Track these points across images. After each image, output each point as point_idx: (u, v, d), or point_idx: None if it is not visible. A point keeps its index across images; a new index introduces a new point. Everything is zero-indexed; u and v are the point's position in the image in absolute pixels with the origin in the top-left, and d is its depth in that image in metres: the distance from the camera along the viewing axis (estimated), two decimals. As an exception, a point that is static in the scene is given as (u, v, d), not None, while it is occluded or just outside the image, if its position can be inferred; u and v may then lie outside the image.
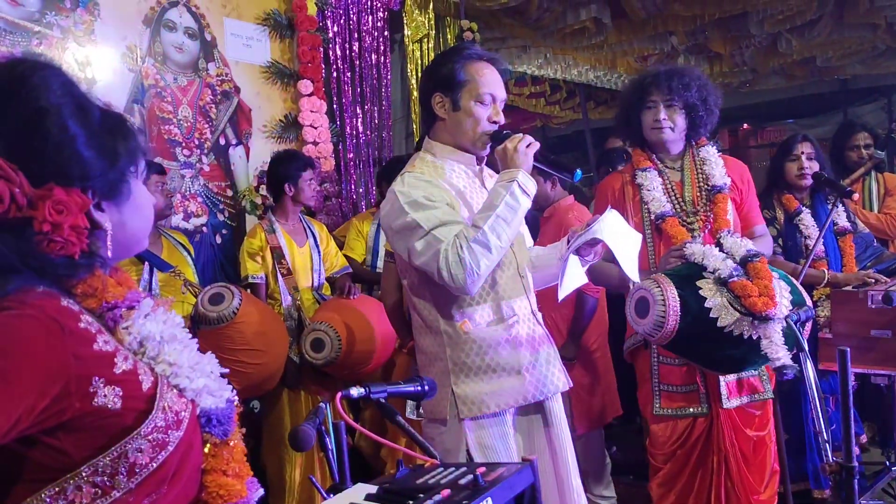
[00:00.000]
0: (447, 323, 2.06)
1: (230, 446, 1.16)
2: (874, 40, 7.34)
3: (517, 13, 5.96)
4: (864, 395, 3.64)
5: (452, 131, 2.12)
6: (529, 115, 10.00)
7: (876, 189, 4.20)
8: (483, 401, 2.04)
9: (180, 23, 3.95)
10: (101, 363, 1.02)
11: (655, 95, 2.70)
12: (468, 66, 2.09)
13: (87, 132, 1.06)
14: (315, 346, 3.30)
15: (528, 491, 1.05)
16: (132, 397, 1.04)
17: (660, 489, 2.75)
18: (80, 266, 1.06)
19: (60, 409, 0.98)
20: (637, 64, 8.00)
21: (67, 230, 1.02)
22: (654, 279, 2.43)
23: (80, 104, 1.07)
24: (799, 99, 10.03)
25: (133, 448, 1.03)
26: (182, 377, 1.12)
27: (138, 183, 1.17)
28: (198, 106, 4.01)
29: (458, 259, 1.91)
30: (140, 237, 1.19)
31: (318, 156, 4.48)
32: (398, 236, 2.03)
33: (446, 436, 2.06)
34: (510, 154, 2.01)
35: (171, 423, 1.07)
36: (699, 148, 2.81)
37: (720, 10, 6.07)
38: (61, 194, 1.01)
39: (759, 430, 2.69)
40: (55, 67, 1.07)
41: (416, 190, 2.01)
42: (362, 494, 1.04)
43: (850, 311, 2.93)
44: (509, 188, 1.96)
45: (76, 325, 1.02)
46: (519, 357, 2.08)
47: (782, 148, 3.66)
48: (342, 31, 4.81)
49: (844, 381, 1.72)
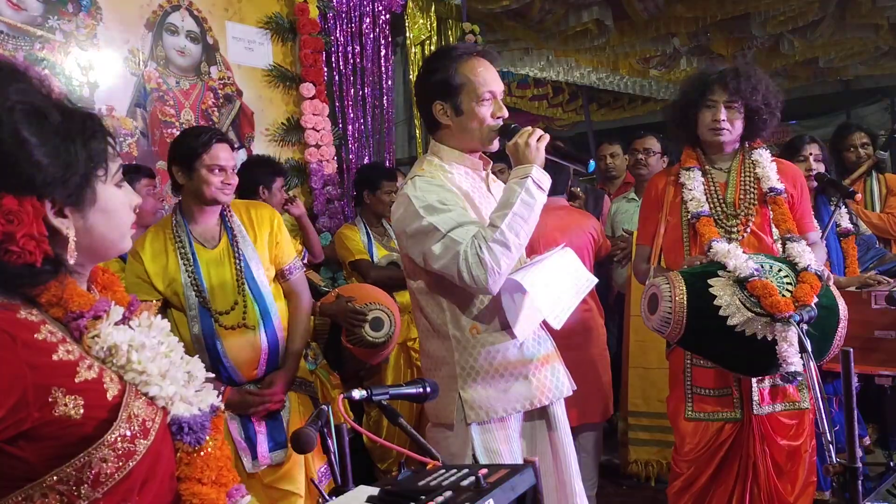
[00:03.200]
0: (456, 327, 2.05)
1: (204, 454, 1.15)
2: (876, 41, 7.34)
3: (519, 15, 5.98)
4: (868, 396, 3.63)
5: (459, 136, 2.10)
6: (532, 117, 10.02)
7: (878, 189, 4.19)
8: (491, 405, 2.03)
9: (182, 26, 3.96)
10: (61, 373, 1.01)
11: (717, 95, 2.62)
12: (461, 67, 2.06)
13: (42, 137, 1.02)
14: (375, 326, 3.34)
15: (530, 492, 1.05)
16: (94, 406, 1.03)
17: (677, 495, 2.70)
18: (43, 273, 1.04)
19: (18, 419, 0.97)
20: (639, 66, 8.02)
21: (22, 239, 0.99)
22: (665, 276, 2.43)
23: (35, 108, 1.03)
24: (801, 100, 10.04)
25: (97, 458, 1.02)
26: (152, 385, 1.10)
27: (107, 187, 1.13)
28: (200, 109, 4.02)
29: (479, 260, 1.89)
30: (114, 240, 1.16)
31: (321, 159, 4.48)
32: (413, 240, 2.00)
33: (452, 440, 2.05)
34: (522, 149, 1.98)
35: (138, 432, 1.06)
36: (752, 150, 2.74)
37: (722, 11, 6.08)
38: (12, 203, 0.99)
39: (794, 439, 2.61)
40: (14, 70, 1.04)
41: (430, 194, 1.99)
42: (364, 496, 1.04)
43: (854, 312, 2.91)
44: (524, 184, 1.94)
45: (31, 337, 1.00)
46: (526, 361, 2.08)
47: (789, 149, 3.65)
48: (344, 35, 4.81)
49: (848, 382, 1.71)
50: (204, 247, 2.53)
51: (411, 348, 4.06)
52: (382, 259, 4.07)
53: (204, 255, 2.51)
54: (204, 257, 2.51)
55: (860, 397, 2.77)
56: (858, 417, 3.53)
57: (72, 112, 1.09)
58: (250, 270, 2.54)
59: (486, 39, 6.00)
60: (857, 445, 1.74)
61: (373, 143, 4.99)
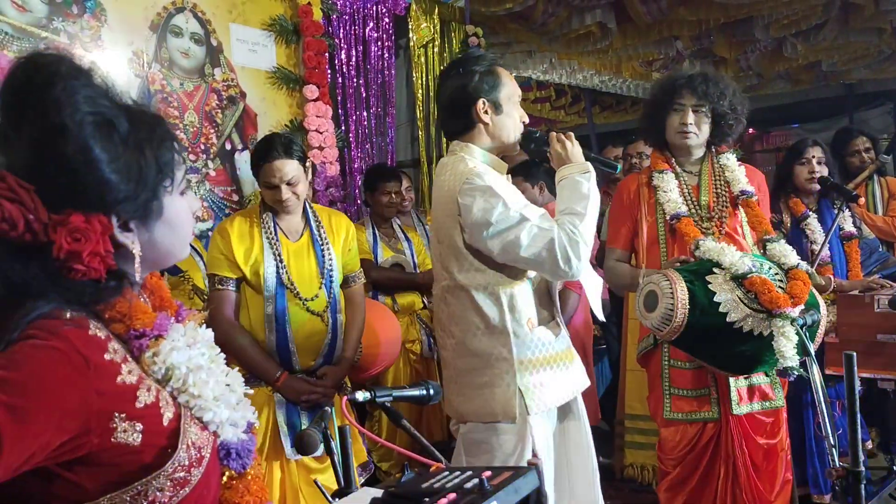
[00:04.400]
0: (515, 322, 2.11)
1: (247, 479, 1.13)
2: (880, 45, 7.34)
3: (522, 18, 5.98)
4: (870, 400, 3.63)
5: (495, 134, 2.20)
6: (534, 119, 10.02)
7: (880, 193, 4.20)
8: (548, 396, 2.13)
9: (186, 28, 3.97)
10: (124, 398, 0.98)
11: (685, 99, 2.67)
12: (499, 70, 2.21)
13: (112, 153, 0.98)
14: None
15: (534, 495, 1.05)
16: (153, 433, 1.00)
17: (667, 493, 2.73)
18: (108, 289, 1.01)
19: (77, 445, 0.94)
20: (642, 69, 8.01)
21: (87, 257, 0.96)
22: (663, 273, 2.44)
23: (106, 118, 0.99)
24: (804, 103, 10.02)
25: (154, 486, 1.00)
26: (207, 410, 1.07)
27: (173, 198, 1.09)
28: (204, 111, 4.02)
29: (572, 246, 2.01)
30: (174, 252, 1.12)
31: (324, 160, 4.49)
32: (494, 230, 2.03)
33: (508, 437, 2.09)
34: (569, 152, 2.16)
35: (194, 461, 1.04)
36: (719, 155, 2.78)
37: (725, 14, 6.07)
38: (79, 221, 0.95)
39: (771, 437, 2.67)
40: (82, 73, 0.99)
41: (497, 187, 2.06)
42: (367, 498, 1.04)
43: (857, 316, 2.93)
44: (588, 178, 2.12)
45: (101, 358, 0.97)
46: (565, 354, 2.22)
47: (792, 151, 3.65)
48: (348, 37, 4.82)
49: (851, 386, 1.71)
50: (287, 238, 2.73)
51: (410, 350, 4.07)
52: (387, 260, 4.08)
53: (287, 245, 2.71)
54: (287, 248, 2.70)
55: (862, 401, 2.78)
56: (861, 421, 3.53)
57: (139, 117, 1.05)
58: (329, 265, 2.74)
59: (489, 42, 6.00)
60: (860, 449, 1.74)
61: (375, 145, 5.00)
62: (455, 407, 2.19)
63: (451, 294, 2.16)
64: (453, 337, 2.17)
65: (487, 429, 2.12)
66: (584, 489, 2.27)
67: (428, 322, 4.16)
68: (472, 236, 2.08)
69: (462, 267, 2.13)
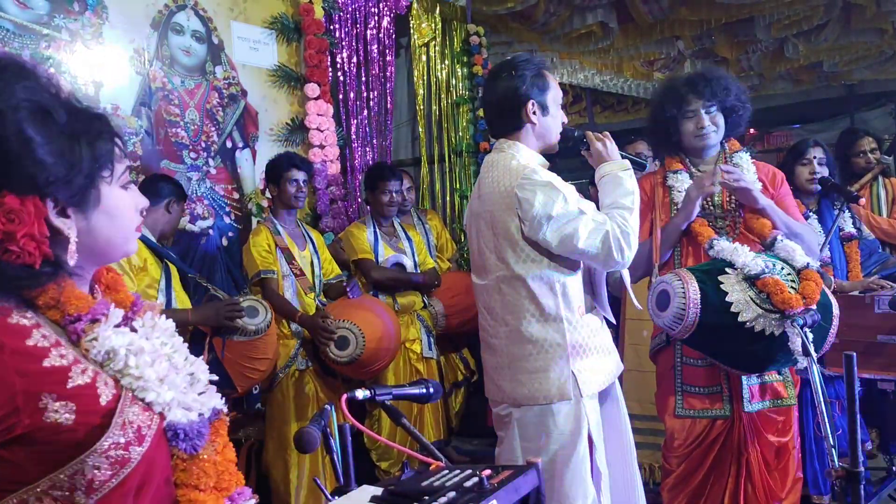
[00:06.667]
0: (569, 309, 2.21)
1: (202, 460, 1.12)
2: (881, 45, 7.34)
3: (523, 17, 5.98)
4: (870, 401, 3.63)
5: (542, 134, 2.33)
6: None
7: (884, 195, 4.19)
8: (597, 378, 2.25)
9: (188, 26, 3.97)
10: (52, 379, 1.00)
11: (693, 104, 2.69)
12: (547, 73, 2.33)
13: (47, 136, 1.00)
14: (340, 344, 3.32)
15: (534, 493, 1.05)
16: (87, 412, 1.02)
17: (671, 493, 2.72)
18: (42, 275, 1.02)
19: (8, 425, 0.97)
20: (643, 68, 8.01)
21: (23, 239, 0.98)
22: (675, 273, 2.46)
23: (41, 107, 1.01)
24: (806, 104, 10.02)
25: (90, 465, 1.01)
26: (149, 390, 1.08)
27: (112, 188, 1.11)
28: (205, 109, 4.02)
29: (625, 237, 2.15)
30: (118, 243, 1.14)
31: (325, 159, 4.49)
32: (555, 223, 2.14)
33: (564, 416, 2.19)
34: (609, 150, 2.32)
35: (133, 439, 1.04)
36: (732, 154, 2.79)
37: (727, 14, 6.08)
38: (14, 202, 0.97)
39: (782, 435, 2.67)
40: (22, 68, 1.03)
41: (556, 182, 2.18)
42: (367, 497, 1.04)
43: (857, 317, 2.92)
44: (629, 175, 2.28)
45: (21, 343, 0.99)
46: (606, 339, 2.33)
47: (794, 152, 3.65)
48: (349, 36, 4.82)
49: (851, 386, 1.71)
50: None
51: (410, 349, 4.07)
52: (388, 259, 4.08)
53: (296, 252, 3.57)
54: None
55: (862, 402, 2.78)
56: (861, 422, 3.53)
57: (79, 111, 1.07)
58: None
59: (491, 41, 6.00)
60: (859, 450, 1.74)
61: (376, 143, 5.00)
62: (507, 392, 2.26)
63: (506, 284, 2.24)
64: (507, 325, 2.25)
65: (543, 411, 2.20)
66: (620, 469, 2.38)
67: (428, 322, 4.16)
68: (532, 228, 2.17)
69: (519, 258, 2.22)
